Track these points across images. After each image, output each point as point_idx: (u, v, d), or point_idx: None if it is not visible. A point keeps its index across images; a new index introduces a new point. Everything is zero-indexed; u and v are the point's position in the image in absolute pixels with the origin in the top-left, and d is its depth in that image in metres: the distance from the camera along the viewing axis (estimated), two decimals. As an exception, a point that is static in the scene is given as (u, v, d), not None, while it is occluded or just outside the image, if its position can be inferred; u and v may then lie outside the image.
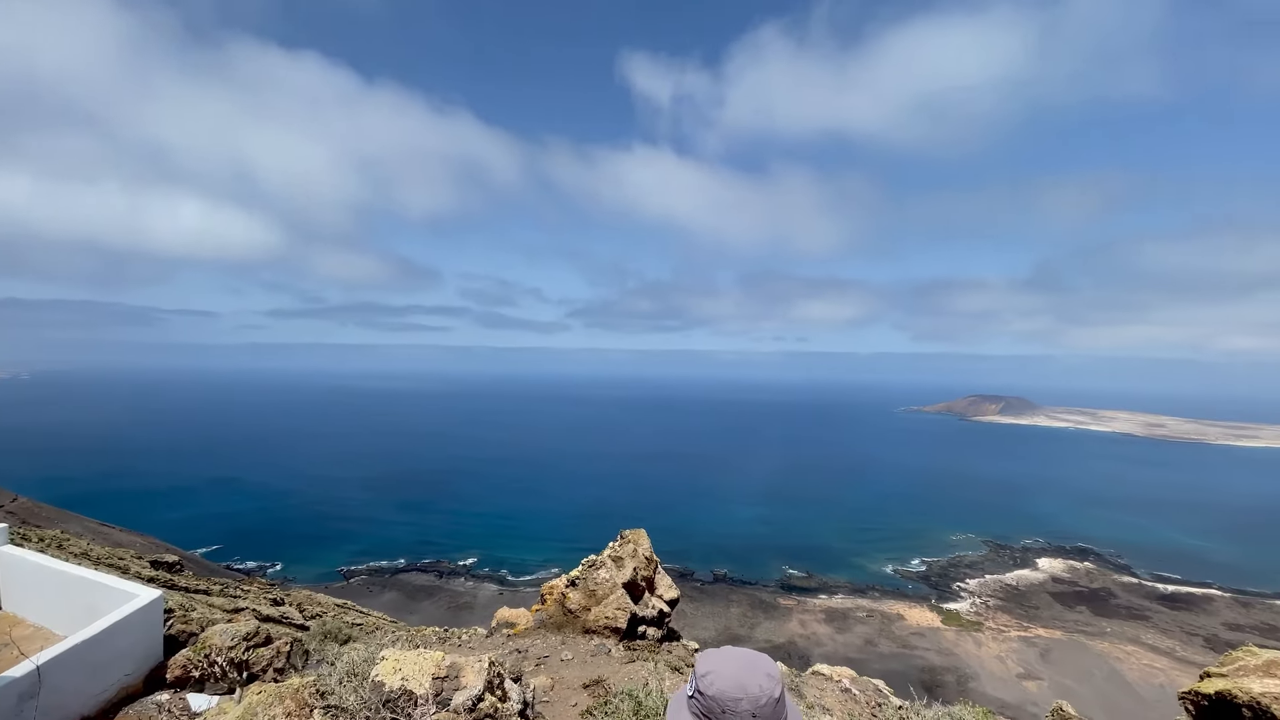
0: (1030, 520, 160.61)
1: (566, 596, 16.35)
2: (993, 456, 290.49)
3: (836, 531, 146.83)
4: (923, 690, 51.11)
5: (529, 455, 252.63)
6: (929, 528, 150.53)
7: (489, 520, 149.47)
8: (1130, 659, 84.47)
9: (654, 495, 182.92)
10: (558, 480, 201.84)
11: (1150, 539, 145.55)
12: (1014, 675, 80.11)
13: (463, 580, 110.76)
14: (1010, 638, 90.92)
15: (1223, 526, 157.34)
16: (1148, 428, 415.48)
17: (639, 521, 19.72)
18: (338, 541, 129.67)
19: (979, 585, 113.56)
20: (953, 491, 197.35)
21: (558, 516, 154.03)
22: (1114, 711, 68.64)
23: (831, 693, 12.72)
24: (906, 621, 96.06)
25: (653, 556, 17.14)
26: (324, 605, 30.09)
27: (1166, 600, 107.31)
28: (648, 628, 16.01)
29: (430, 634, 19.15)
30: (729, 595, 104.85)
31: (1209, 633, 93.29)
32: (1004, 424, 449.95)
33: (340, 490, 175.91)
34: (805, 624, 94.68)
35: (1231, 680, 10.72)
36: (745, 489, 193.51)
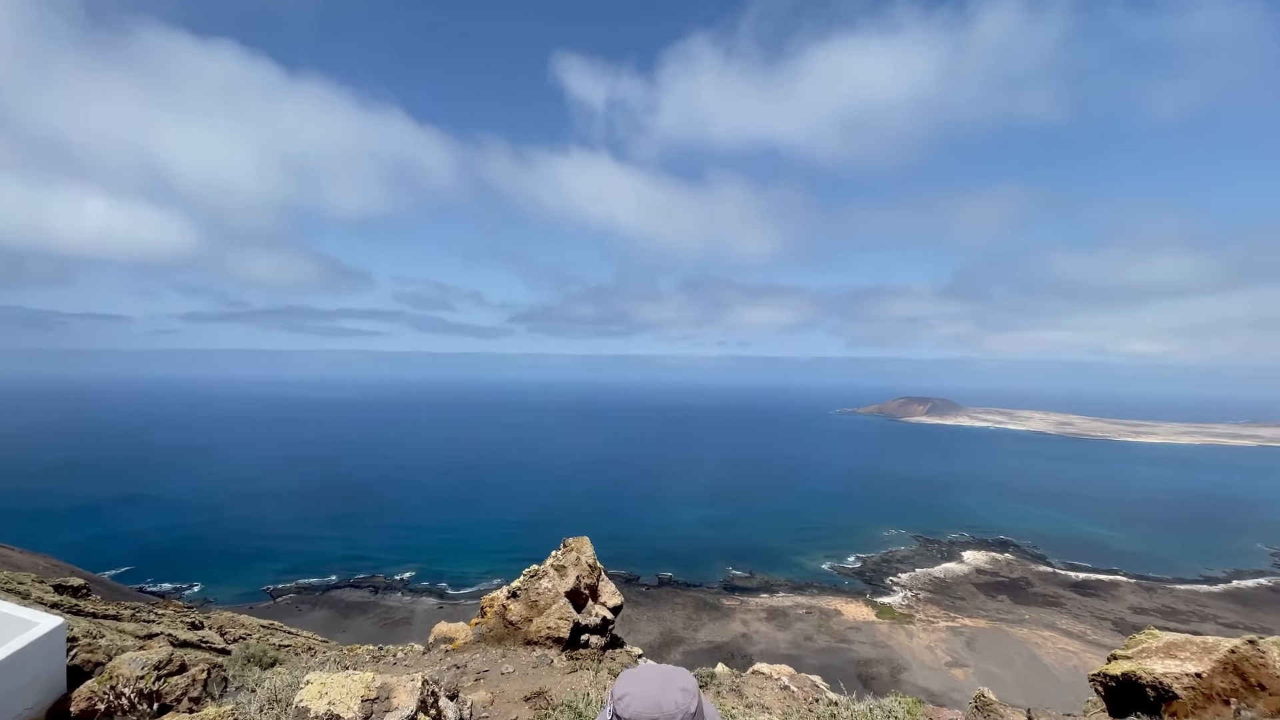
0: (956, 515, 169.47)
1: (507, 608, 16.02)
2: (921, 455, 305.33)
3: (777, 531, 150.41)
4: (859, 683, 53.34)
5: (470, 463, 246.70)
6: (863, 525, 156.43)
7: (427, 532, 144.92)
8: (1047, 644, 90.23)
9: (599, 501, 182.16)
10: (500, 489, 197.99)
11: (1062, 530, 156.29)
12: (943, 664, 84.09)
13: (399, 595, 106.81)
14: (939, 628, 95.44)
15: (1125, 517, 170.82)
16: (1058, 426, 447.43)
17: (584, 528, 19.60)
18: (263, 559, 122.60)
19: (910, 579, 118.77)
20: (885, 489, 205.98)
21: (500, 526, 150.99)
22: (1033, 694, 73.00)
23: (771, 691, 12.97)
24: (843, 616, 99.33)
25: (596, 564, 17.03)
26: (248, 627, 28.34)
27: (1078, 587, 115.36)
28: (591, 636, 15.88)
29: (363, 653, 18.36)
30: (674, 598, 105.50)
31: (1117, 616, 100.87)
32: (931, 424, 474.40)
33: (266, 505, 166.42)
34: (748, 623, 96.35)
35: (1136, 662, 11.62)
36: (689, 492, 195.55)
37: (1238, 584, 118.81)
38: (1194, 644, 11.09)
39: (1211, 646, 10.69)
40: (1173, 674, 10.36)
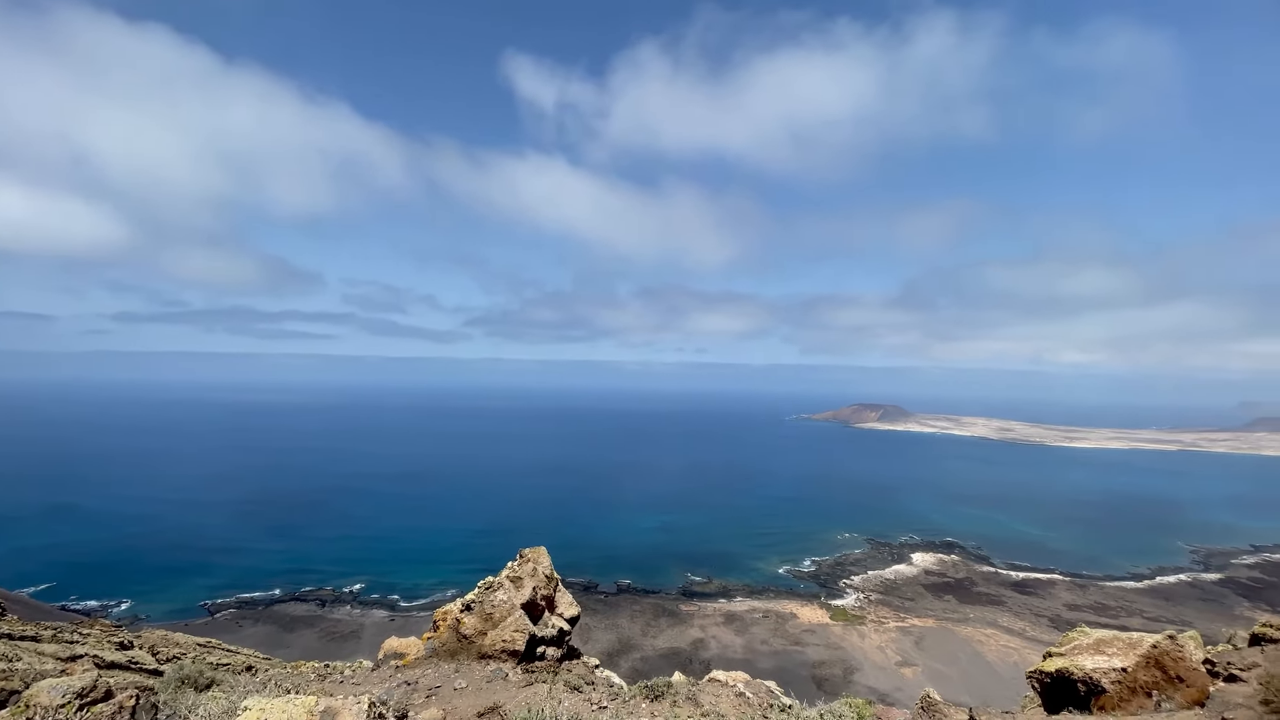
0: (905, 518, 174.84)
1: (461, 621, 15.69)
2: (873, 460, 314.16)
3: (735, 536, 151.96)
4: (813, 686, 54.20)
5: (424, 471, 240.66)
6: (818, 529, 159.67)
7: (379, 542, 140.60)
8: (990, 641, 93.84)
9: (558, 508, 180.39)
10: (456, 497, 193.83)
11: (1004, 531, 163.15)
12: (893, 664, 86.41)
13: (348, 608, 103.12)
14: (890, 629, 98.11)
15: (1060, 518, 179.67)
16: (1000, 432, 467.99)
17: (542, 536, 19.35)
18: (200, 573, 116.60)
19: (862, 581, 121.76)
20: (839, 494, 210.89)
21: (455, 535, 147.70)
22: (977, 691, 75.77)
23: (727, 698, 13.09)
24: (799, 620, 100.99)
25: (553, 574, 16.86)
26: (183, 646, 26.87)
27: (1018, 586, 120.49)
28: (547, 648, 15.70)
29: (308, 671, 17.68)
30: (632, 605, 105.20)
31: (1053, 613, 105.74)
32: (882, 430, 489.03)
33: (204, 515, 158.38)
34: (705, 628, 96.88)
35: (1068, 659, 12.23)
36: (648, 498, 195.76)
37: (1161, 580, 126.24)
38: (1120, 640, 11.77)
39: (1136, 642, 11.36)
40: (1101, 669, 10.95)
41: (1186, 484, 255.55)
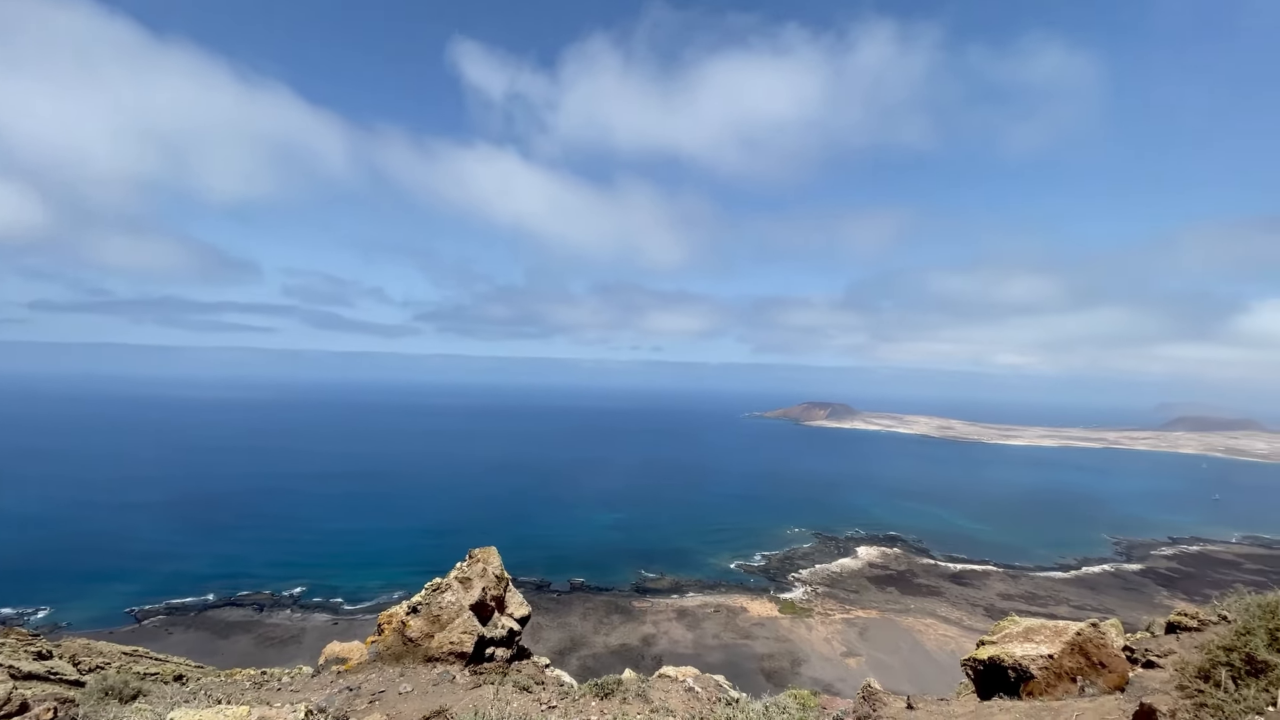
0: (852, 513, 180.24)
1: (407, 624, 15.27)
2: (822, 457, 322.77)
3: (688, 532, 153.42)
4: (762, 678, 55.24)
5: (371, 470, 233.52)
6: (769, 524, 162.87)
7: (321, 543, 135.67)
8: (929, 631, 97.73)
9: (510, 507, 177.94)
10: (404, 496, 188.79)
11: (943, 525, 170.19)
12: (839, 654, 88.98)
13: (288, 613, 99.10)
14: (835, 620, 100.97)
15: (995, 512, 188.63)
16: (941, 430, 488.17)
17: (493, 536, 18.97)
18: (126, 578, 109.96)
19: (810, 574, 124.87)
20: (789, 490, 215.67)
21: (403, 536, 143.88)
22: (917, 679, 78.80)
23: (676, 693, 13.17)
24: (749, 614, 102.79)
25: (504, 574, 16.59)
26: (107, 655, 25.24)
27: (955, 578, 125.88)
28: (496, 649, 15.44)
29: (243, 679, 16.88)
30: (585, 604, 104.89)
31: (988, 603, 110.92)
32: (831, 428, 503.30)
33: (130, 518, 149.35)
34: (658, 624, 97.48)
35: (999, 647, 12.80)
36: (602, 496, 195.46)
37: (1086, 570, 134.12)
38: (1048, 628, 12.40)
39: (1061, 629, 11.99)
40: (1030, 656, 11.51)
41: (1110, 480, 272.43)
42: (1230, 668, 6.98)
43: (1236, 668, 6.96)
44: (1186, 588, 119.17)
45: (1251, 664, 6.90)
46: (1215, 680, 6.87)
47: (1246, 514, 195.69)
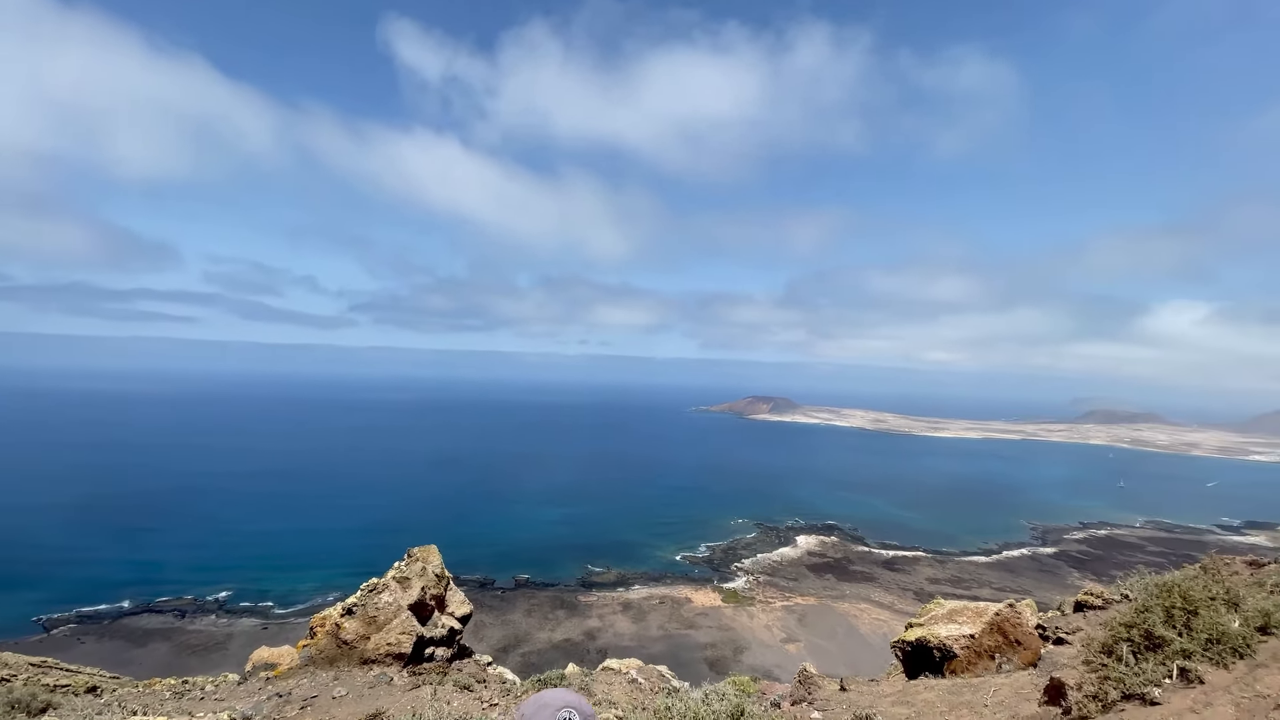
0: (792, 503, 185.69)
1: (341, 627, 14.70)
2: (764, 449, 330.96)
3: (634, 526, 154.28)
4: (705, 666, 56.04)
5: (304, 467, 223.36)
6: (713, 516, 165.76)
7: (249, 545, 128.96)
8: (864, 615, 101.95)
9: (452, 504, 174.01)
10: (340, 495, 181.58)
11: (877, 514, 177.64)
12: (778, 641, 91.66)
13: (212, 618, 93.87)
14: (776, 608, 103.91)
15: (924, 500, 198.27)
16: (875, 423, 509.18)
17: (434, 534, 18.45)
18: (32, 585, 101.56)
19: (752, 564, 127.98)
20: (733, 482, 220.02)
21: (338, 536, 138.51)
22: (853, 662, 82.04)
23: (620, 685, 13.23)
24: (693, 604, 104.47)
25: (444, 573, 16.20)
26: (13, 667, 23.21)
27: (888, 564, 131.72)
28: (437, 648, 15.08)
29: (163, 689, 15.89)
30: (530, 600, 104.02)
31: (917, 587, 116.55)
32: (773, 421, 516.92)
33: (35, 520, 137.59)
34: (604, 618, 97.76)
35: (926, 628, 13.44)
36: (548, 491, 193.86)
37: (1006, 554, 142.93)
38: (970, 609, 13.13)
39: (982, 610, 12.72)
40: (953, 636, 12.15)
41: (1028, 469, 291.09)
42: (1131, 643, 7.56)
43: (1136, 643, 7.56)
44: (1095, 569, 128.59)
45: (1150, 639, 7.51)
46: (1117, 655, 7.43)
47: (1148, 500, 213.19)
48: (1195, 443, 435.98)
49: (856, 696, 10.74)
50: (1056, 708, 7.74)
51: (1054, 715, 7.59)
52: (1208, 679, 6.71)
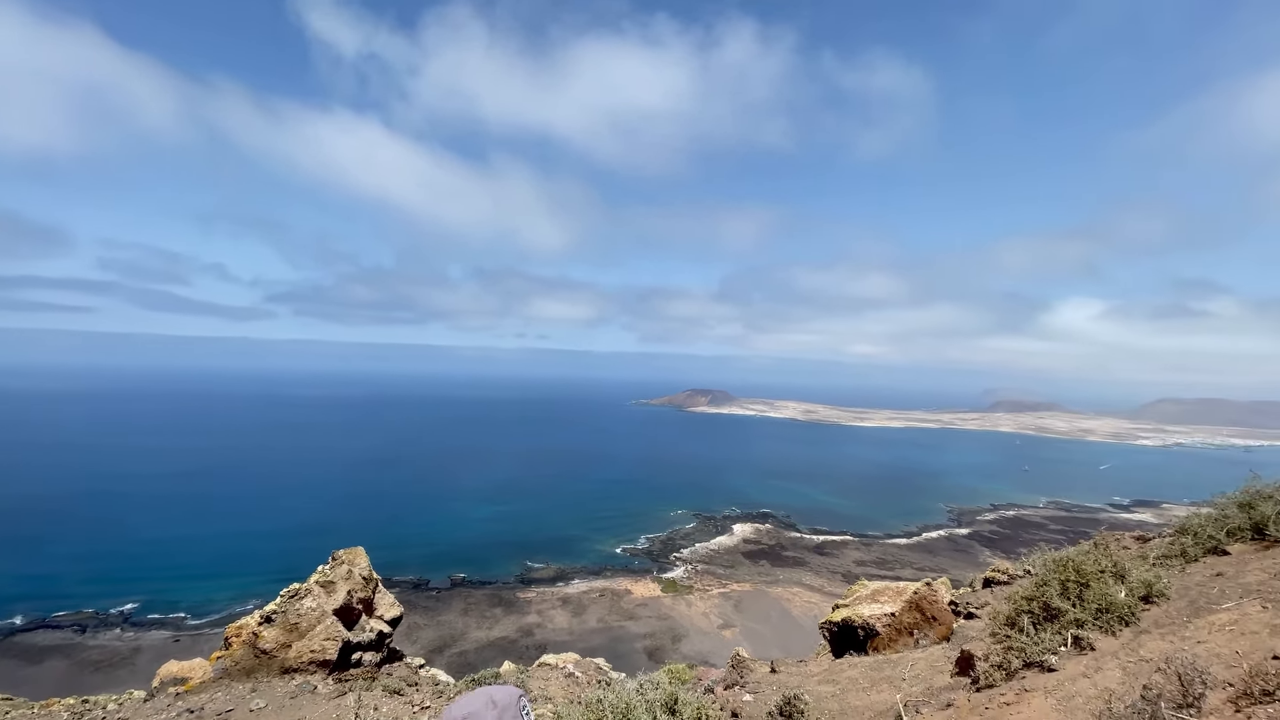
0: (729, 493, 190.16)
1: (259, 635, 13.90)
2: (702, 441, 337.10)
3: (574, 520, 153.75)
4: (644, 656, 56.63)
5: (217, 467, 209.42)
6: (653, 507, 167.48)
7: (157, 553, 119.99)
8: (796, 599, 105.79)
9: (383, 504, 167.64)
10: (259, 496, 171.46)
11: (807, 501, 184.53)
12: (715, 627, 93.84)
13: (117, 632, 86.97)
14: (713, 595, 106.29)
15: (851, 487, 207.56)
16: (806, 414, 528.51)
17: (365, 535, 17.72)
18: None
19: (690, 553, 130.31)
20: (673, 473, 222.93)
21: (257, 540, 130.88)
22: (786, 644, 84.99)
23: (556, 680, 13.17)
24: (633, 595, 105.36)
25: (372, 575, 15.59)
26: None
27: (818, 549, 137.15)
28: (365, 653, 14.51)
29: (61, 709, 14.60)
30: (466, 599, 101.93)
31: (845, 570, 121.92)
32: (711, 413, 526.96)
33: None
34: (543, 613, 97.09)
35: (851, 609, 14.06)
36: (485, 488, 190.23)
37: (925, 536, 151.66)
38: (891, 589, 13.84)
39: (902, 590, 13.43)
40: (876, 615, 12.78)
41: (945, 456, 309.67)
42: (1031, 615, 8.17)
43: (1036, 614, 8.17)
44: (1004, 547, 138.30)
45: (1048, 611, 8.13)
46: (1019, 626, 8.02)
47: (1050, 482, 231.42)
48: (1090, 429, 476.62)
49: (786, 677, 11.13)
50: (966, 678, 8.27)
51: (964, 685, 8.11)
52: (1098, 645, 7.33)
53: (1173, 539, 11.21)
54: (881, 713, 8.42)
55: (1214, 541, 9.93)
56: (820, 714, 8.57)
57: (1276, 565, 8.14)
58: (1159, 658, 6.28)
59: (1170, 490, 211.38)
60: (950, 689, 8.33)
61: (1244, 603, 7.17)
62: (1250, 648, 5.98)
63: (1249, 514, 9.75)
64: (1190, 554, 9.98)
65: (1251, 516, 9.68)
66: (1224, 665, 5.70)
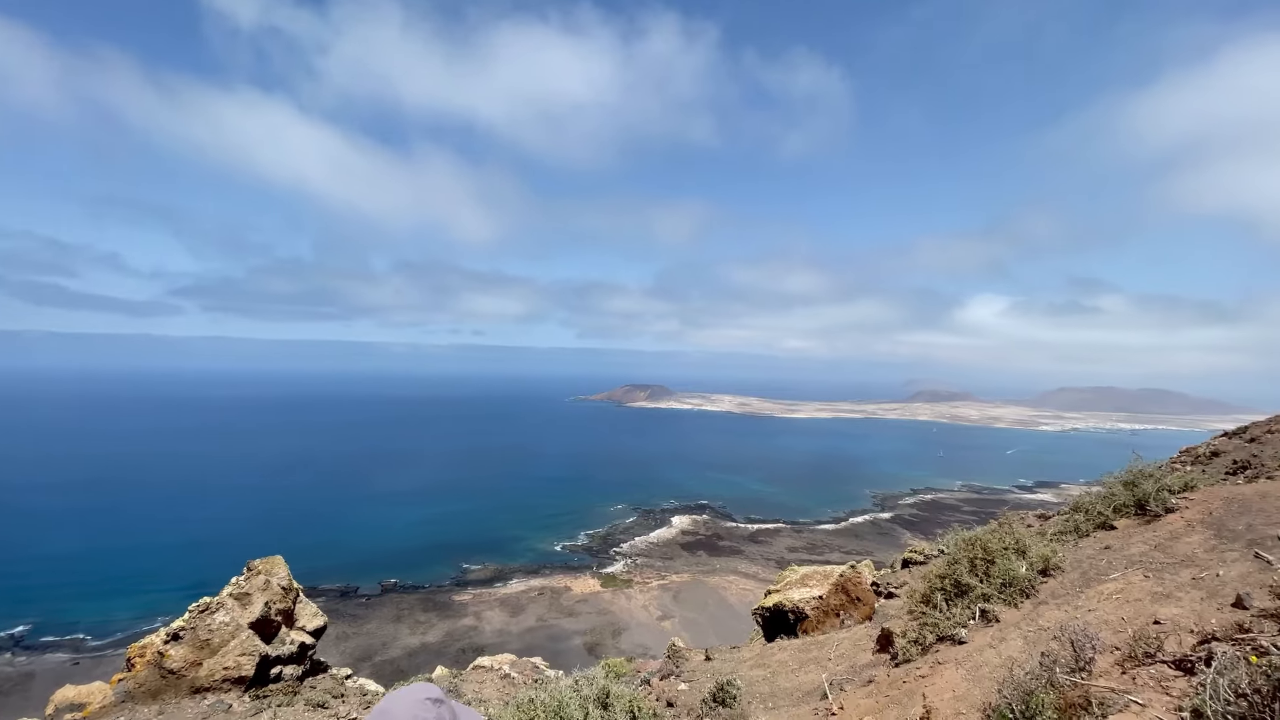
0: (668, 486, 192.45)
1: (166, 654, 12.92)
2: (641, 435, 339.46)
3: (512, 520, 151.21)
4: (584, 653, 56.50)
5: (122, 476, 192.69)
6: (593, 503, 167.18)
7: (51, 569, 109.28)
8: (732, 587, 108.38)
9: (306, 510, 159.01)
10: (169, 505, 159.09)
11: (743, 491, 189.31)
12: (655, 619, 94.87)
13: (8, 656, 78.89)
14: (652, 588, 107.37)
15: (782, 476, 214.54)
16: (741, 406, 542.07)
17: (286, 544, 16.71)
18: None
19: (630, 547, 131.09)
20: (612, 469, 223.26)
21: (167, 552, 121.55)
22: (723, 632, 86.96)
23: (491, 682, 12.94)
24: (573, 592, 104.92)
25: (292, 585, 14.77)
26: None
27: (752, 537, 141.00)
28: (285, 667, 13.75)
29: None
30: (398, 604, 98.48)
31: (779, 556, 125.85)
32: (650, 408, 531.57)
33: None
34: (480, 615, 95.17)
35: (782, 594, 14.52)
36: (417, 490, 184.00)
37: (852, 521, 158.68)
38: (819, 573, 14.40)
39: (829, 573, 14.00)
40: (805, 599, 13.26)
41: (869, 444, 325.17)
42: (944, 591, 8.71)
43: (948, 591, 8.71)
44: (923, 529, 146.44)
45: (958, 587, 8.68)
46: (933, 603, 8.53)
47: (963, 467, 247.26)
48: (998, 416, 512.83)
49: (720, 664, 11.38)
50: (886, 654, 8.73)
51: (884, 661, 8.55)
52: (1002, 617, 7.89)
53: (1068, 516, 12.21)
54: (809, 692, 8.76)
55: (1103, 517, 10.88)
56: (751, 698, 8.82)
57: (1157, 537, 9.00)
58: (1055, 626, 6.82)
59: (1068, 472, 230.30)
60: (872, 666, 8.76)
61: (1128, 572, 7.89)
62: (1134, 614, 6.59)
63: (1133, 491, 10.73)
64: (1083, 529, 10.89)
65: (1135, 494, 10.66)
66: (1111, 631, 6.25)
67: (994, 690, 5.90)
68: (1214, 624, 5.57)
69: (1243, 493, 10.03)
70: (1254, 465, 18.61)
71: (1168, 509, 9.99)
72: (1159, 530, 9.26)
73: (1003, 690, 5.49)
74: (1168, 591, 6.86)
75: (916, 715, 6.31)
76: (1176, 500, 10.19)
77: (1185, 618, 5.97)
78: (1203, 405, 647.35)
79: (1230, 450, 23.83)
